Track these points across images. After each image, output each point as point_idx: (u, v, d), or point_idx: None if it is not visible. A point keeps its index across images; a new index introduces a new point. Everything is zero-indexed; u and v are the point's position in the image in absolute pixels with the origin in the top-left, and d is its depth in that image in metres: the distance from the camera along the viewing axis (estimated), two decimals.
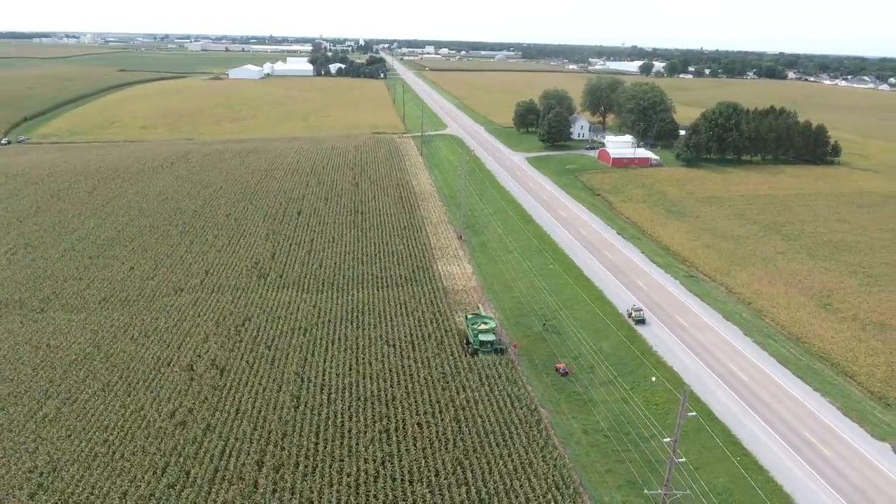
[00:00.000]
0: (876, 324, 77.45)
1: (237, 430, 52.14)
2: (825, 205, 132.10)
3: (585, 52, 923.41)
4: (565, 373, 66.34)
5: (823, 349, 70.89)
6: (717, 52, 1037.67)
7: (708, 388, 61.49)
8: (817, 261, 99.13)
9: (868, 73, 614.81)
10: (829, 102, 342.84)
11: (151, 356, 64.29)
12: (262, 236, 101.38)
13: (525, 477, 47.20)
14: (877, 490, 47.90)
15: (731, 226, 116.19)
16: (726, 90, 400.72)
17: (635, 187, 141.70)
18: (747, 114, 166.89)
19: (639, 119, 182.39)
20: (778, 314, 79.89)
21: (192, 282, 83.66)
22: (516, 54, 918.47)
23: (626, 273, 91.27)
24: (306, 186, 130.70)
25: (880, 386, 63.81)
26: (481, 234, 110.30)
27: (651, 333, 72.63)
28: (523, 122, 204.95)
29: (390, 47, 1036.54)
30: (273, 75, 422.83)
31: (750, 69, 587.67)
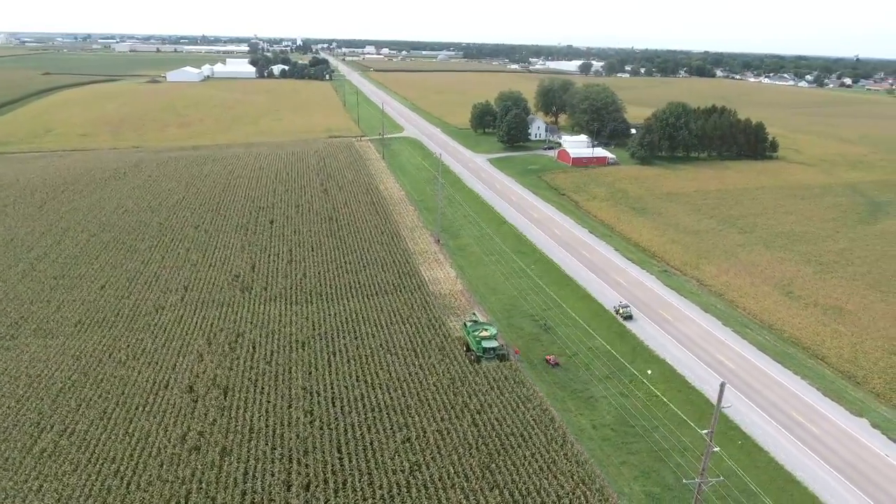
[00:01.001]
0: (834, 308, 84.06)
1: (255, 450, 51.07)
2: (770, 198, 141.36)
3: (524, 51, 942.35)
4: (556, 363, 68.64)
5: (794, 335, 76.42)
6: (647, 51, 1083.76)
7: (701, 378, 65.14)
8: (773, 251, 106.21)
9: (787, 71, 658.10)
10: (757, 99, 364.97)
11: (145, 379, 61.73)
12: (237, 248, 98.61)
13: (552, 475, 48.78)
14: (865, 463, 52.47)
15: (691, 221, 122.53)
16: (663, 89, 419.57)
17: (597, 186, 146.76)
18: (694, 113, 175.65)
19: (593, 119, 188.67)
20: (748, 304, 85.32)
21: (173, 299, 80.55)
22: (457, 54, 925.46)
23: (605, 271, 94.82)
24: (274, 194, 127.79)
25: (848, 366, 69.58)
26: (458, 238, 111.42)
27: (639, 328, 76.03)
28: (480, 124, 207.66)
29: (329, 47, 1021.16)
30: (213, 77, 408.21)
31: (681, 68, 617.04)
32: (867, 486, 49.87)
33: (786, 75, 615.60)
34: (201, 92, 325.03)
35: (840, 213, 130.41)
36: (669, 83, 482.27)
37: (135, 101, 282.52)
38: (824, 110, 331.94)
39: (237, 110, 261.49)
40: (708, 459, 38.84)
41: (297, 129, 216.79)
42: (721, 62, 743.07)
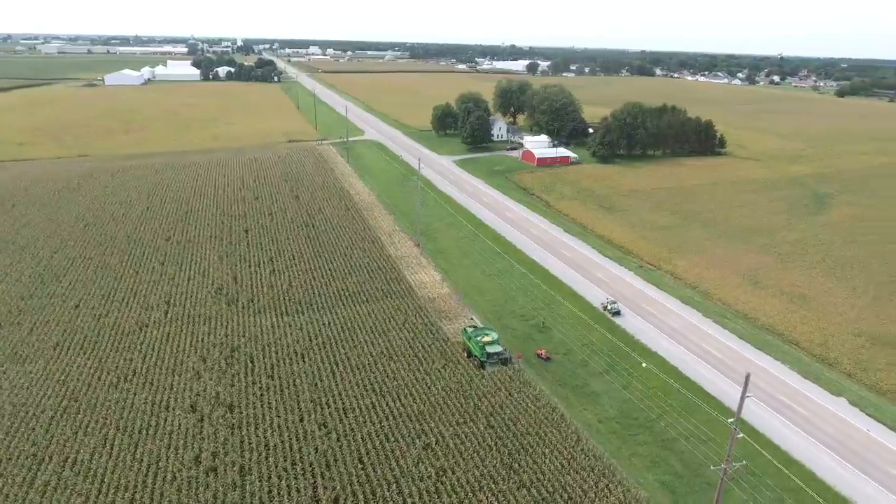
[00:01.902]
0: (798, 296, 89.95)
1: (276, 467, 50.23)
2: (725, 192, 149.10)
3: (470, 51, 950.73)
4: (547, 358, 70.66)
5: (768, 322, 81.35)
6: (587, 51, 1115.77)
7: (693, 368, 68.56)
8: (736, 244, 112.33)
9: (720, 69, 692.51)
10: (697, 97, 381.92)
11: (143, 401, 59.41)
12: (214, 259, 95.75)
13: (573, 471, 50.38)
14: (851, 439, 56.81)
15: (656, 217, 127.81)
16: (609, 88, 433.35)
17: (564, 185, 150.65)
18: (650, 112, 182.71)
19: (552, 120, 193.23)
20: (721, 295, 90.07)
21: (156, 315, 77.58)
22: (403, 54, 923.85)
23: (586, 268, 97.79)
24: (244, 202, 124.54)
25: (820, 349, 74.75)
26: (436, 241, 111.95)
27: (628, 323, 79.07)
28: (442, 125, 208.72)
29: (272, 48, 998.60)
30: (155, 80, 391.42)
31: (622, 67, 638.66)
32: (856, 460, 54.08)
33: (720, 73, 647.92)
34: (144, 96, 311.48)
35: (789, 206, 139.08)
36: (614, 82, 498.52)
37: (73, 106, 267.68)
38: (760, 107, 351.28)
39: (186, 115, 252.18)
40: (733, 446, 41.25)
41: (253, 134, 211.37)
42: (659, 61, 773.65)
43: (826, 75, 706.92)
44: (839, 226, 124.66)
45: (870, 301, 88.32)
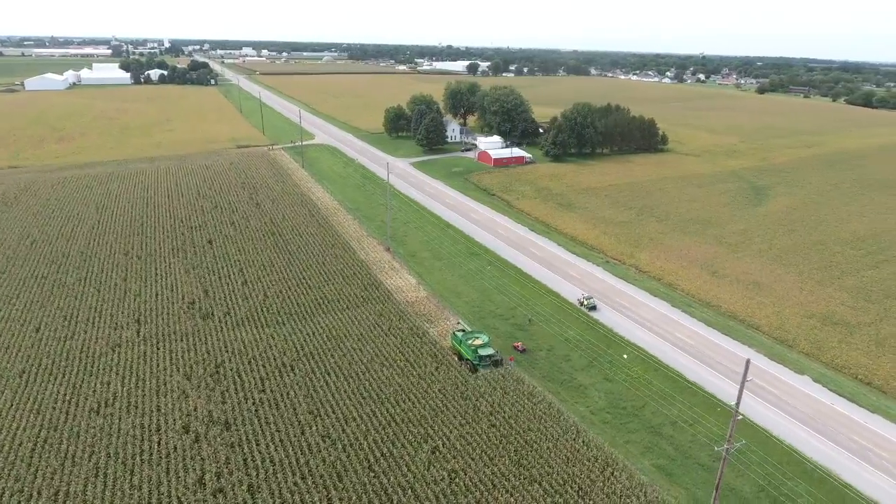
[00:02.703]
0: (752, 283, 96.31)
1: (286, 482, 49.49)
2: (673, 187, 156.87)
3: (408, 52, 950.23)
4: (523, 350, 73.03)
5: (730, 310, 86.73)
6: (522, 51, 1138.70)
7: (672, 357, 72.35)
8: (690, 236, 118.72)
9: (650, 68, 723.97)
10: (633, 96, 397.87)
11: (130, 426, 56.87)
12: (181, 273, 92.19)
13: (579, 463, 52.39)
14: (820, 413, 61.80)
15: (613, 213, 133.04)
16: (550, 87, 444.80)
17: (522, 185, 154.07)
18: (598, 112, 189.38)
19: (504, 120, 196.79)
20: (684, 285, 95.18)
21: (127, 334, 74.09)
22: (341, 55, 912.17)
23: (556, 266, 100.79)
24: (203, 212, 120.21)
25: (778, 332, 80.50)
26: (406, 245, 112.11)
27: (605, 317, 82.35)
28: (395, 128, 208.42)
29: (202, 49, 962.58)
30: (82, 85, 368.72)
31: (559, 67, 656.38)
32: (828, 432, 58.96)
33: (650, 72, 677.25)
34: (73, 101, 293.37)
35: (731, 198, 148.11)
36: (553, 82, 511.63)
37: None
38: (691, 104, 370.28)
39: (122, 121, 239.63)
40: (734, 428, 44.26)
41: (198, 140, 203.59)
42: (592, 61, 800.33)
43: (745, 73, 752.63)
44: (778, 216, 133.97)
45: (815, 285, 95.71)
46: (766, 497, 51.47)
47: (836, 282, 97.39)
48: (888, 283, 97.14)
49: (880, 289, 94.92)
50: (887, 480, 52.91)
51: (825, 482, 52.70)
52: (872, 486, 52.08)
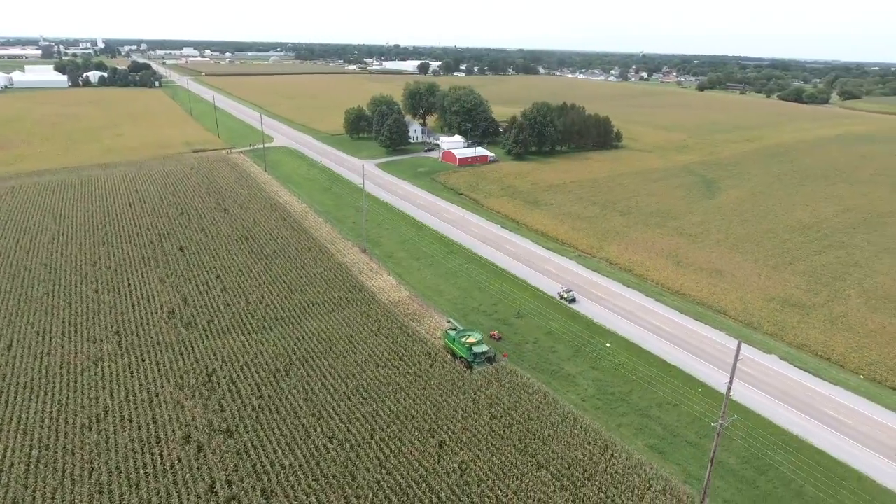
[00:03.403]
0: (715, 271, 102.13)
1: (300, 484, 49.84)
2: (632, 182, 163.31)
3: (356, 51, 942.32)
4: (499, 338, 76.02)
5: (698, 297, 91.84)
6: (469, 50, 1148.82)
7: (651, 343, 76.29)
8: (652, 228, 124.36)
9: (595, 67, 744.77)
10: (583, 94, 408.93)
11: (128, 440, 55.63)
12: (155, 282, 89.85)
13: (580, 447, 55.00)
14: (791, 388, 66.85)
15: (579, 208, 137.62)
16: (502, 86, 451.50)
17: (488, 183, 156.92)
18: (557, 110, 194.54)
19: (465, 120, 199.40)
20: (653, 275, 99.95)
21: (108, 347, 71.96)
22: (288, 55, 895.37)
23: (532, 261, 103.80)
24: (169, 219, 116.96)
25: (744, 316, 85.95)
26: (381, 246, 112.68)
27: (585, 309, 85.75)
28: (355, 129, 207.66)
29: (140, 49, 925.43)
30: (14, 88, 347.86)
31: (509, 66, 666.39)
32: (800, 406, 63.92)
33: (595, 71, 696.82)
34: (8, 105, 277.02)
35: (686, 192, 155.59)
36: (504, 81, 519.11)
37: None
38: (637, 101, 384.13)
39: (66, 126, 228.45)
40: (727, 405, 47.75)
41: (150, 145, 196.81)
42: (539, 60, 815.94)
43: (684, 71, 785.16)
44: (730, 207, 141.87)
45: (771, 271, 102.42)
46: (750, 467, 55.52)
47: (789, 267, 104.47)
48: (834, 267, 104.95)
49: (828, 272, 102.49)
50: (855, 445, 58.04)
51: (801, 450, 57.30)
52: (843, 452, 57.03)
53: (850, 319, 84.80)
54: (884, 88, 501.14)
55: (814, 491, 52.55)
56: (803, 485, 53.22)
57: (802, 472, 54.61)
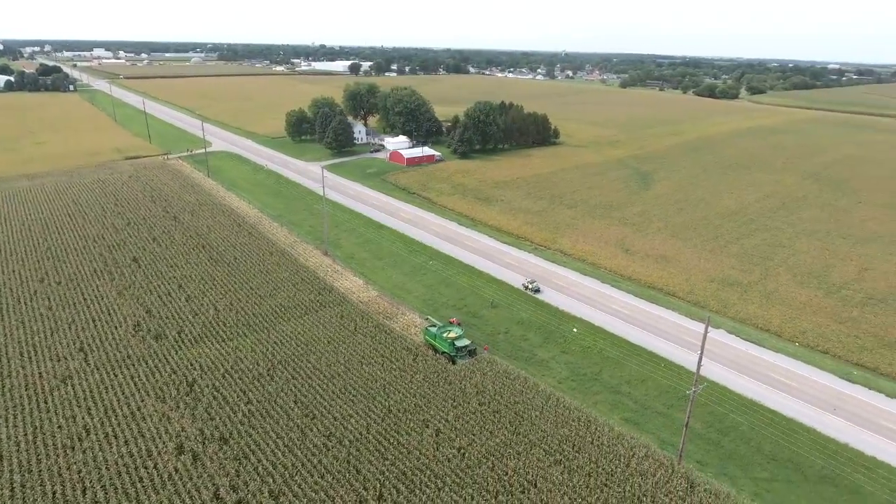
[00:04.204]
0: (660, 257, 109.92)
1: (308, 481, 50.79)
2: (573, 177, 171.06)
3: (282, 52, 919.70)
4: (458, 323, 79.87)
5: (648, 281, 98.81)
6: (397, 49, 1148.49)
7: (614, 326, 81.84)
8: (599, 219, 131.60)
9: (522, 66, 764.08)
10: (515, 92, 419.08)
11: (116, 455, 54.39)
12: (112, 295, 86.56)
13: (567, 424, 59.01)
14: (741, 358, 74.03)
15: (528, 203, 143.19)
16: (435, 86, 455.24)
17: (438, 182, 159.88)
18: (498, 109, 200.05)
19: (408, 120, 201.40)
20: (606, 263, 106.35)
21: (74, 364, 69.22)
22: (210, 56, 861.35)
23: (493, 256, 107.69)
24: (116, 229, 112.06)
25: (691, 296, 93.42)
26: (341, 247, 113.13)
27: (549, 298, 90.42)
28: (297, 132, 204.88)
29: (44, 50, 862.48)
30: None
31: (439, 66, 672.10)
32: (751, 373, 71.06)
33: (523, 70, 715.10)
34: None
35: (624, 184, 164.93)
36: (436, 80, 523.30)
37: None
38: (566, 99, 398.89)
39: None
40: (699, 373, 53.02)
41: (78, 153, 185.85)
42: (468, 59, 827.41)
43: (606, 69, 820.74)
44: (666, 197, 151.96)
45: (709, 254, 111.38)
46: (713, 430, 61.54)
47: (724, 250, 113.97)
48: (762, 248, 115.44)
49: (757, 253, 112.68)
50: (800, 403, 65.47)
51: (756, 412, 64.02)
52: (791, 410, 64.25)
53: (782, 294, 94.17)
54: (785, 84, 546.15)
55: (770, 446, 59.09)
56: (761, 441, 59.71)
57: (759, 431, 61.19)
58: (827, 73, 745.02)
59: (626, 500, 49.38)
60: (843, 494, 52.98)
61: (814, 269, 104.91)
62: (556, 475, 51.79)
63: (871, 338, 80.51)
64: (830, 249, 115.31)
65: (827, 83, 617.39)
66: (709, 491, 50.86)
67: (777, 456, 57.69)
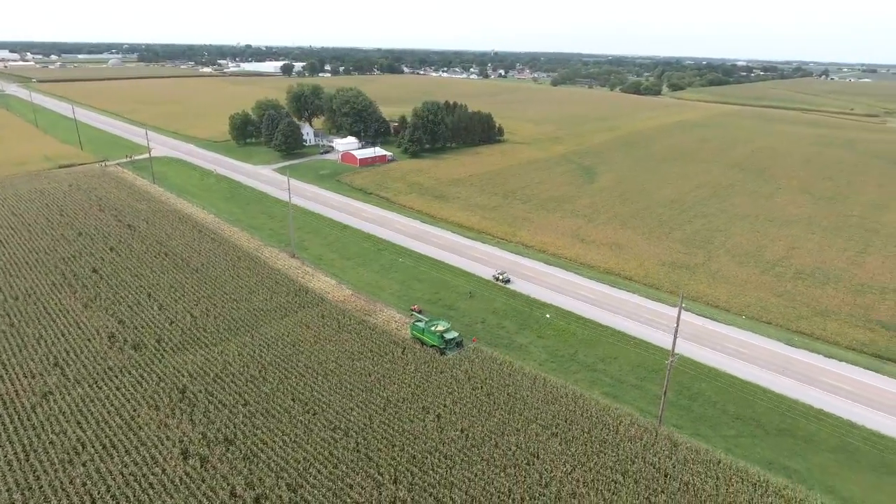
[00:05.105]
0: (614, 244, 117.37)
1: (321, 475, 52.47)
2: (522, 173, 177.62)
3: (206, 53, 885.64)
4: (420, 311, 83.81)
5: (606, 267, 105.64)
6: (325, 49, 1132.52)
7: (583, 309, 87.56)
8: (552, 212, 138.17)
9: (455, 65, 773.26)
10: (452, 91, 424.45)
11: (119, 466, 53.83)
12: (78, 308, 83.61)
13: (556, 401, 63.53)
14: (698, 331, 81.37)
15: (483, 199, 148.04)
16: (373, 86, 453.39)
17: (393, 182, 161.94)
18: (444, 109, 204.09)
19: (356, 121, 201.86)
20: (566, 253, 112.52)
21: (52, 380, 67.02)
22: (128, 57, 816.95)
23: (459, 250, 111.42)
24: (67, 241, 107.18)
25: (647, 279, 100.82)
26: (308, 249, 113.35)
27: (520, 287, 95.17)
28: (242, 135, 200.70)
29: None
30: None
31: (373, 66, 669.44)
32: (706, 342, 78.40)
33: (457, 69, 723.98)
34: None
35: (571, 178, 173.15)
36: (372, 81, 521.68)
37: None
38: (502, 97, 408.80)
39: None
40: (675, 345, 58.84)
41: (3, 163, 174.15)
42: (401, 59, 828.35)
43: (535, 68, 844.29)
44: (610, 190, 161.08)
45: (656, 240, 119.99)
46: (683, 397, 67.96)
47: (669, 236, 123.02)
48: (702, 233, 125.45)
49: (699, 237, 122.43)
50: (754, 367, 73.25)
51: (718, 378, 71.10)
52: (748, 374, 71.83)
53: (725, 274, 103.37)
54: (702, 80, 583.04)
55: (734, 407, 66.07)
56: (726, 403, 66.62)
57: (723, 394, 68.18)
58: (737, 70, 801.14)
59: (620, 463, 54.38)
60: (800, 443, 60.40)
61: (749, 250, 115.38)
62: (554, 446, 56.14)
63: (805, 308, 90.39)
64: (760, 232, 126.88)
65: (738, 79, 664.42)
66: (690, 448, 56.77)
67: (741, 415, 64.67)
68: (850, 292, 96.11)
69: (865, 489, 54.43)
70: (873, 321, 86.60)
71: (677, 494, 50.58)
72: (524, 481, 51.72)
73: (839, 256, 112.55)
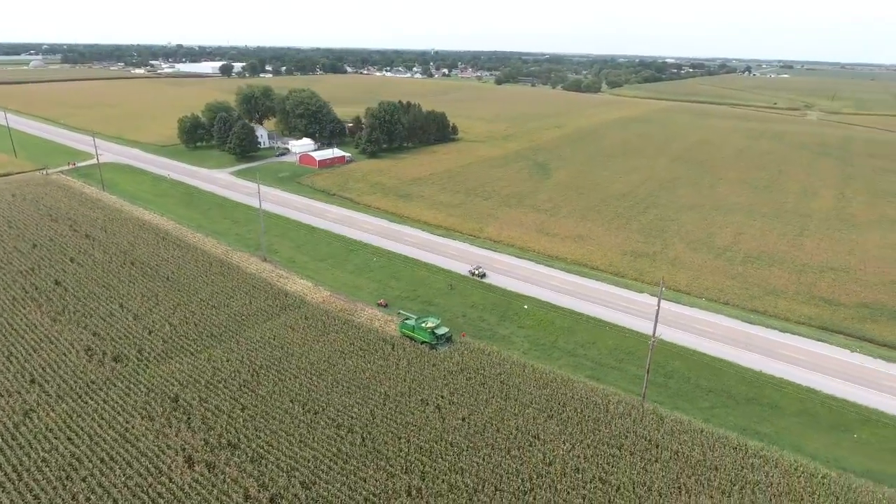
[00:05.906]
0: (577, 236, 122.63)
1: (332, 471, 53.54)
2: (480, 170, 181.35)
3: (136, 53, 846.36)
4: (385, 304, 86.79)
5: (573, 259, 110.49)
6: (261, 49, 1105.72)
7: (558, 299, 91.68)
8: (514, 208, 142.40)
9: (397, 65, 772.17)
10: (400, 91, 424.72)
11: (122, 478, 53.04)
12: (46, 321, 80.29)
13: (548, 386, 66.88)
14: (666, 314, 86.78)
15: (447, 197, 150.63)
16: (318, 86, 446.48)
17: (355, 182, 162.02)
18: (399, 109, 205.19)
19: (311, 123, 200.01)
20: (533, 246, 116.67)
21: (32, 398, 64.58)
22: (50, 58, 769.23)
23: (431, 247, 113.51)
24: (21, 253, 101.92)
25: (612, 268, 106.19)
26: (279, 252, 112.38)
27: (496, 281, 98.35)
28: (192, 139, 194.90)
29: None
30: None
31: (316, 65, 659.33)
32: (677, 325, 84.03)
33: (400, 68, 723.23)
34: None
35: (528, 175, 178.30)
36: (317, 81, 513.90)
37: None
38: (450, 96, 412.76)
39: None
40: (656, 327, 63.36)
41: None
42: (342, 59, 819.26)
43: (477, 67, 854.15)
44: (566, 185, 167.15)
45: (616, 231, 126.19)
46: (660, 375, 72.88)
47: (627, 227, 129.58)
48: (656, 223, 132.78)
49: (654, 227, 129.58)
50: (719, 344, 79.30)
51: (689, 356, 76.61)
52: (715, 350, 77.78)
53: (682, 260, 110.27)
54: (637, 77, 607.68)
55: (706, 381, 71.57)
56: (698, 379, 72.03)
57: (695, 371, 73.62)
58: (668, 68, 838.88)
59: (614, 438, 58.27)
60: (767, 410, 66.31)
61: (700, 238, 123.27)
62: (552, 427, 59.43)
63: (756, 288, 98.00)
64: (708, 220, 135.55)
65: (670, 76, 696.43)
66: (674, 420, 61.42)
67: (713, 388, 70.17)
68: (794, 272, 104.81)
69: (827, 446, 60.66)
70: (816, 297, 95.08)
71: (670, 462, 54.89)
72: (529, 461, 54.69)
73: (780, 240, 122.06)
